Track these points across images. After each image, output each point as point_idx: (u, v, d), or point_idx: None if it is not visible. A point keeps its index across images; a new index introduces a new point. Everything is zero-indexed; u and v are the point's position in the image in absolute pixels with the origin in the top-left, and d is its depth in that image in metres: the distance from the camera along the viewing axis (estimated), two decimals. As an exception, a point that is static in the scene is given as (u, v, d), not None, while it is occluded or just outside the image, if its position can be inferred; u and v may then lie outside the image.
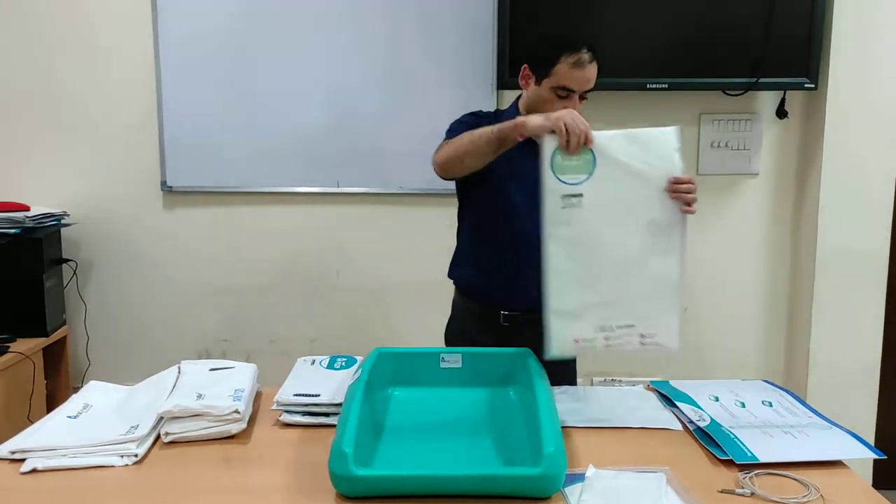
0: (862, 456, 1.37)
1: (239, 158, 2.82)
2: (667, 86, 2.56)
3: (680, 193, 1.50)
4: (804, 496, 1.24)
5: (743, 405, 1.59)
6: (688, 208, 1.51)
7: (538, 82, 1.78)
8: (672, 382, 1.73)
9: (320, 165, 2.82)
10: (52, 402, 2.66)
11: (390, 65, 2.76)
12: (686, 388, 1.69)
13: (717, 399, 1.62)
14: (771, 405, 1.59)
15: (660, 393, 1.71)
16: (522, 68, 1.82)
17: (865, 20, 2.60)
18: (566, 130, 1.47)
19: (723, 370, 2.92)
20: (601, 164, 1.49)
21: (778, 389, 1.69)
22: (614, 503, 1.20)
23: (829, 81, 2.62)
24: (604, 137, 1.50)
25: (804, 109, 2.77)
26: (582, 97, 1.78)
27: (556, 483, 1.21)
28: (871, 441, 2.80)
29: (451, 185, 1.94)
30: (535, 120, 1.54)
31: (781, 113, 2.73)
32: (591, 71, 1.75)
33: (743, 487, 1.25)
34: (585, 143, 1.48)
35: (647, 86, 2.56)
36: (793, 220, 2.85)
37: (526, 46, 1.81)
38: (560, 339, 1.50)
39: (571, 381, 1.97)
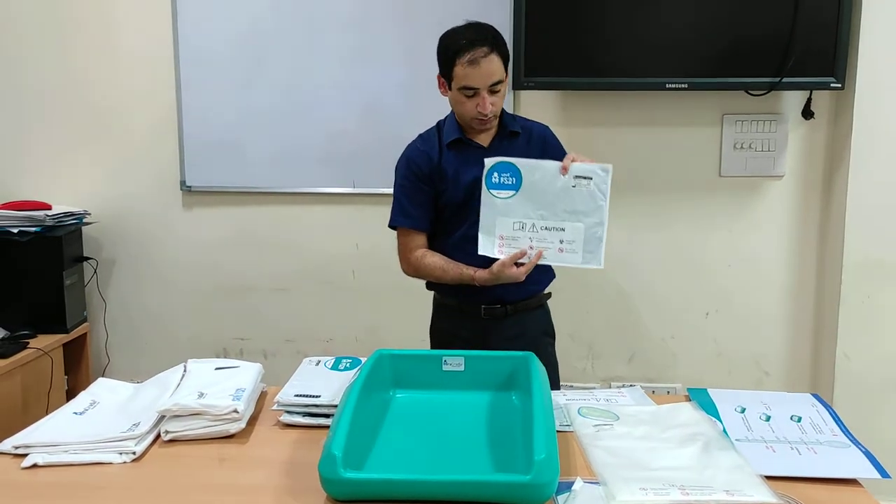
0: (859, 475, 1.32)
1: (257, 159, 2.84)
2: (686, 86, 2.50)
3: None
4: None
5: (768, 419, 1.53)
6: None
7: (449, 87, 1.85)
8: (710, 391, 1.67)
9: (337, 166, 2.82)
10: (72, 398, 2.69)
11: (407, 66, 2.75)
12: (720, 397, 1.63)
13: (742, 410, 1.57)
14: (799, 420, 1.53)
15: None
16: (437, 78, 1.88)
17: (894, 17, 2.50)
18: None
19: (746, 378, 2.85)
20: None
21: (819, 404, 1.61)
22: None
23: (857, 81, 2.53)
24: None
25: (831, 110, 2.68)
26: (493, 91, 1.80)
27: (546, 491, 1.18)
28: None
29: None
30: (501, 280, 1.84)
31: (808, 113, 2.65)
32: (489, 65, 1.77)
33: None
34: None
35: (667, 86, 2.50)
36: (819, 224, 2.77)
37: (538, 48, 1.84)
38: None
39: (554, 385, 1.97)
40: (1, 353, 2.45)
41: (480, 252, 1.82)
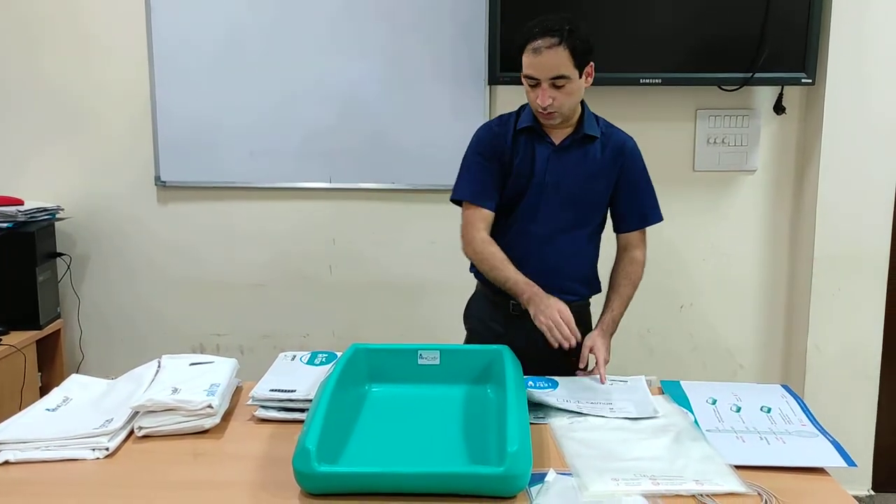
0: (827, 464, 1.35)
1: (233, 154, 2.81)
2: (660, 81, 2.52)
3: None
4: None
5: (738, 410, 1.56)
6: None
7: (521, 74, 1.80)
8: (682, 383, 1.69)
9: (313, 161, 2.81)
10: (45, 394, 2.66)
11: (385, 61, 2.74)
12: (692, 389, 1.65)
13: (714, 402, 1.59)
14: (769, 411, 1.56)
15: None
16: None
17: (863, 13, 2.54)
18: (548, 331, 1.65)
19: (721, 370, 2.88)
20: None
21: (788, 395, 1.64)
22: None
23: (828, 76, 2.57)
24: None
25: (802, 105, 2.72)
26: (557, 85, 1.74)
27: (519, 482, 1.20)
28: (871, 442, 2.79)
29: (443, 181, 1.92)
30: (531, 310, 1.70)
31: (779, 108, 2.69)
32: (552, 57, 1.70)
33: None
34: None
35: (641, 80, 2.52)
36: (791, 218, 2.81)
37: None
38: None
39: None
40: (-27, 351, 2.41)
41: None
